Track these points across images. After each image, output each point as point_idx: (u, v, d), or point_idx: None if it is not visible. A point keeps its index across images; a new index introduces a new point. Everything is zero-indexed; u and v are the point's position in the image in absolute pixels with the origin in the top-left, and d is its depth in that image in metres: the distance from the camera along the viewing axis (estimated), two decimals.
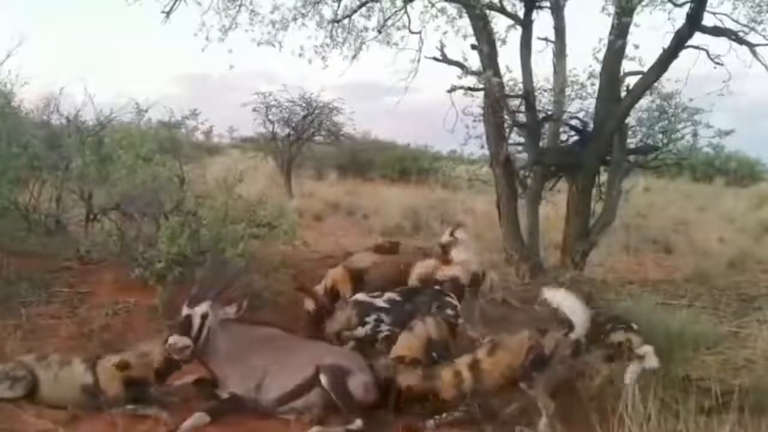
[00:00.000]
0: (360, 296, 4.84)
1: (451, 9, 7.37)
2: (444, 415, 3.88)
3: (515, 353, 3.90)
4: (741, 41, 6.69)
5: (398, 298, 4.81)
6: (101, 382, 3.84)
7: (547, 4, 7.60)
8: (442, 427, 3.84)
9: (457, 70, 7.13)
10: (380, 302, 4.75)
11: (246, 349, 4.08)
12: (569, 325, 3.89)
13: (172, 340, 3.84)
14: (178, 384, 4.17)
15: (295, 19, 7.54)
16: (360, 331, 4.61)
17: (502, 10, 7.40)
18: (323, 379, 3.89)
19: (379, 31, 7.82)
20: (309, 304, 5.24)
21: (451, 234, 5.90)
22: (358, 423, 3.74)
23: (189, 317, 3.94)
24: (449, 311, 4.71)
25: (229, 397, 3.93)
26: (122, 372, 3.89)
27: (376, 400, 3.98)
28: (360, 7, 7.69)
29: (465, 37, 7.43)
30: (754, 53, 6.65)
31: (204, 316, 3.95)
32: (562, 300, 3.97)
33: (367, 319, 4.64)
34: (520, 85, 7.58)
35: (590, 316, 3.96)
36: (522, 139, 8.06)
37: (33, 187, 7.18)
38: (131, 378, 3.88)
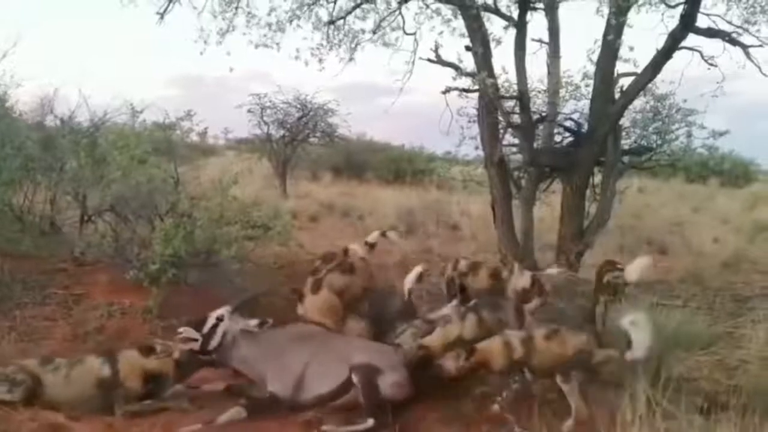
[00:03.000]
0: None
1: (446, 10, 7.37)
2: (505, 394, 3.93)
3: (569, 349, 3.85)
4: (735, 42, 6.69)
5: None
6: (122, 374, 3.85)
7: (542, 5, 7.61)
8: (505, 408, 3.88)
9: (452, 72, 7.11)
10: None
11: (281, 348, 4.13)
12: (628, 344, 3.75)
13: (181, 329, 4.01)
14: (208, 389, 4.22)
15: (290, 20, 7.52)
16: None
17: (496, 12, 7.39)
18: (355, 378, 3.90)
19: (374, 32, 7.80)
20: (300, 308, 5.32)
21: (382, 234, 5.80)
22: (369, 422, 3.73)
23: (206, 317, 4.09)
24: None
25: (268, 396, 3.95)
26: (146, 357, 3.93)
27: (409, 396, 3.98)
28: (355, 8, 7.67)
29: (462, 35, 7.43)
30: (747, 54, 6.65)
31: (219, 318, 4.08)
32: (637, 322, 3.78)
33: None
34: (515, 87, 7.57)
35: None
36: (516, 140, 8.05)
37: (27, 188, 7.13)
38: (151, 371, 3.91)
